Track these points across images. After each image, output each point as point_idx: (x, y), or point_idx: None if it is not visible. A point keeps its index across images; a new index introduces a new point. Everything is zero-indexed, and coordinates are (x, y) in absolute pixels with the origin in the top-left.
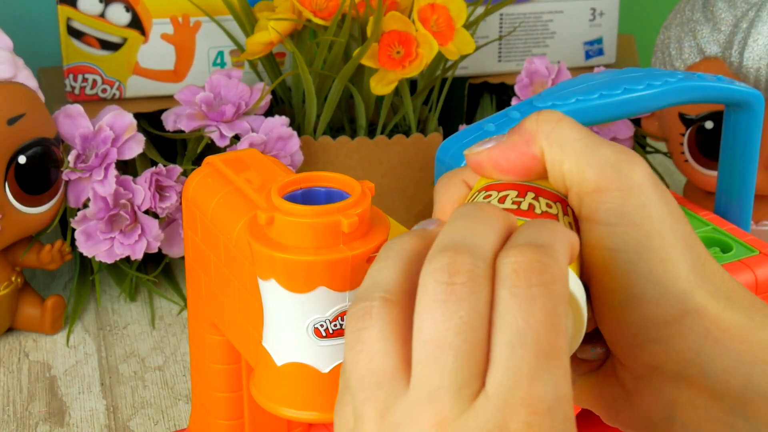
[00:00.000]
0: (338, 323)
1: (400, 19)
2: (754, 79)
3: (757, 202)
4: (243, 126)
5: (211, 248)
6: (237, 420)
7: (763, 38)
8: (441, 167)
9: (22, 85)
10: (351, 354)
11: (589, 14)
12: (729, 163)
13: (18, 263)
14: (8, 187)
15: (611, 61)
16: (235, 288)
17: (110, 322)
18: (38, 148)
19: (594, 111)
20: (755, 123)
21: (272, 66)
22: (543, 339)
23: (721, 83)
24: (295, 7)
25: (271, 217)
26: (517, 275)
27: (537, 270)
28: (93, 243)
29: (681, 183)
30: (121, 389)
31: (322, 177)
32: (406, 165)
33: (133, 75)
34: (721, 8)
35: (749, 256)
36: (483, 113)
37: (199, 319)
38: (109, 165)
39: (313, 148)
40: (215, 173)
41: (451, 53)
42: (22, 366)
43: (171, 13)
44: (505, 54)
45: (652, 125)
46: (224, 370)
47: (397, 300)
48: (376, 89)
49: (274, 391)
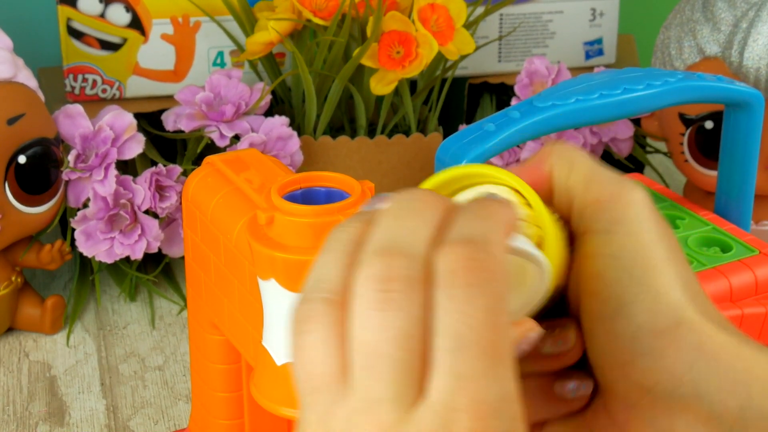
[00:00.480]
0: None
1: (400, 19)
2: (754, 79)
3: (757, 202)
4: (243, 126)
5: (211, 248)
6: (237, 420)
7: (763, 38)
8: (441, 167)
9: (22, 85)
10: (294, 358)
11: (589, 14)
12: (729, 163)
13: (18, 263)
14: (8, 186)
15: (611, 61)
16: (235, 288)
17: (110, 322)
18: (38, 147)
19: (594, 111)
20: (755, 123)
21: (272, 66)
22: (484, 340)
23: (721, 83)
24: (294, 7)
25: (271, 217)
26: (453, 276)
27: (473, 269)
28: (93, 243)
29: (681, 183)
30: (121, 389)
31: (322, 177)
32: (406, 165)
33: (133, 75)
34: (721, 8)
35: (749, 256)
36: (483, 113)
37: (199, 318)
38: (109, 165)
39: (313, 148)
40: (215, 173)
41: (451, 53)
42: (22, 366)
43: (171, 13)
44: (505, 54)
45: (651, 125)
46: (224, 369)
47: (338, 300)
48: (376, 89)
49: (274, 390)
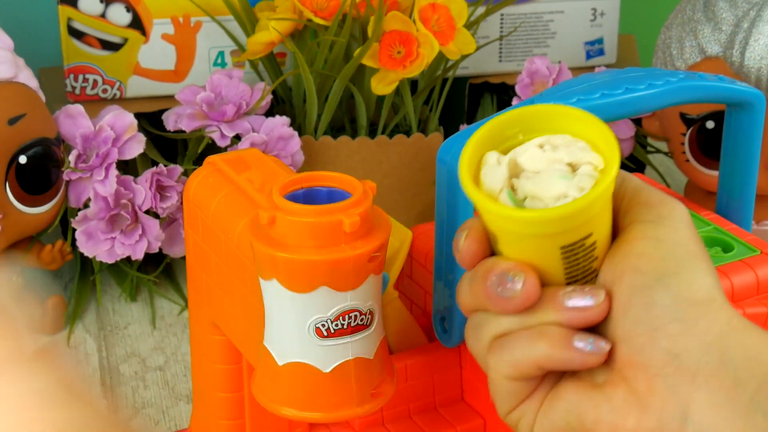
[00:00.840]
0: (339, 323)
1: (401, 18)
2: (756, 79)
3: (759, 202)
4: (244, 126)
5: (212, 248)
6: (238, 420)
7: (764, 38)
8: (442, 167)
9: (23, 85)
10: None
11: (589, 14)
12: (730, 162)
13: (19, 263)
14: (9, 187)
15: (612, 61)
16: (237, 288)
17: (111, 322)
18: (39, 148)
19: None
20: (756, 123)
21: (273, 66)
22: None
23: (723, 83)
24: (295, 7)
25: (273, 217)
26: None
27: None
28: (94, 243)
29: (682, 183)
30: (121, 389)
31: (323, 176)
32: (406, 165)
33: (133, 75)
34: (722, 8)
35: (751, 256)
36: (484, 113)
37: (200, 319)
38: (110, 165)
39: (314, 148)
40: (216, 173)
41: (451, 53)
42: None
43: (172, 13)
44: (506, 54)
45: (653, 125)
46: (225, 370)
47: None
48: (376, 89)
49: (275, 390)
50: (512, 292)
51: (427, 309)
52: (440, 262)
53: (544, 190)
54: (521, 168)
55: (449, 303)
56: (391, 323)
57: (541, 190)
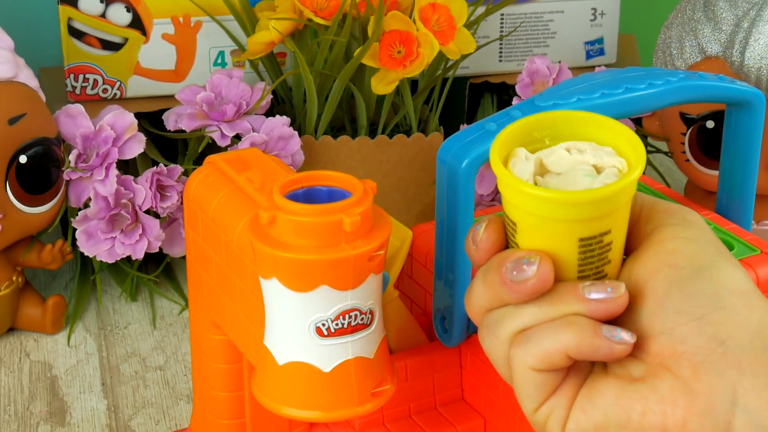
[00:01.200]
0: (340, 322)
1: (401, 18)
2: (756, 79)
3: (759, 202)
4: (244, 126)
5: (212, 247)
6: (238, 419)
7: (764, 38)
8: (442, 167)
9: (23, 84)
10: None
11: (589, 14)
12: (730, 162)
13: (19, 263)
14: (9, 186)
15: (612, 60)
16: (237, 287)
17: (111, 322)
18: (39, 147)
19: (595, 110)
20: (756, 122)
21: (273, 66)
22: None
23: (723, 83)
24: (296, 7)
25: (273, 216)
26: None
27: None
28: (94, 243)
29: (682, 182)
30: (122, 389)
31: (323, 176)
32: (407, 165)
33: (134, 75)
34: (723, 8)
35: (751, 256)
36: (484, 113)
37: (201, 318)
38: (110, 165)
39: (314, 148)
40: (216, 172)
41: (452, 53)
42: (23, 366)
43: (172, 13)
44: (506, 54)
45: (653, 124)
46: (225, 369)
47: None
48: (377, 89)
49: (275, 390)
50: (527, 274)
51: (427, 309)
52: (440, 261)
53: (570, 185)
54: (547, 169)
55: (449, 302)
56: (391, 323)
57: (566, 185)
